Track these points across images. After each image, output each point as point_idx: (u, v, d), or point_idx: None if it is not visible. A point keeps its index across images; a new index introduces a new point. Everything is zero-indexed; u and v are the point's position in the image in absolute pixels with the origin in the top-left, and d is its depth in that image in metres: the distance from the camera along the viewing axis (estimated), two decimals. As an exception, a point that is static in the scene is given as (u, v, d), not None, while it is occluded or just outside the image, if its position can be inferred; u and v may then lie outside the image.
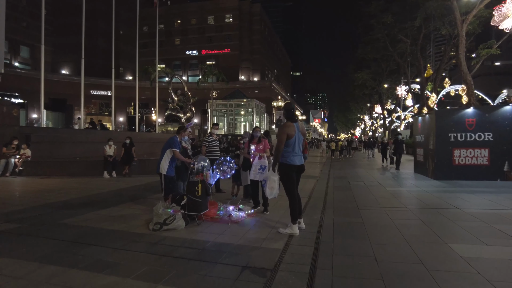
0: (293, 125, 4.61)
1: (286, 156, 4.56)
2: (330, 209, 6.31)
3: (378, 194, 8.06)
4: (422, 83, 32.36)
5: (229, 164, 5.42)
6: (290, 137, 4.53)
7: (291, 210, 4.58)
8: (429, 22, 27.22)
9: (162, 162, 5.66)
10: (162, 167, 5.69)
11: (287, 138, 4.53)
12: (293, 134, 4.55)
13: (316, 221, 5.27)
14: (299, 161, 4.63)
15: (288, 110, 4.71)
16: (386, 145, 17.08)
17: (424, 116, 12.44)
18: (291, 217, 4.57)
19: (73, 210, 5.68)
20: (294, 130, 4.58)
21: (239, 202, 5.96)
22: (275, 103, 52.33)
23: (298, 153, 4.63)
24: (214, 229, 4.68)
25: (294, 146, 4.58)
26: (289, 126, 4.58)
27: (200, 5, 69.89)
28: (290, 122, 4.64)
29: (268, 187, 4.87)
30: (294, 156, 4.58)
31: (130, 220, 5.13)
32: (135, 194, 7.49)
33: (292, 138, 4.55)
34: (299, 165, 4.64)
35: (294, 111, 4.76)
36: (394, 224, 5.13)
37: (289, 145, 4.56)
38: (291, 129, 4.56)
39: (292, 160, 4.56)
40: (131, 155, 11.17)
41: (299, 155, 4.66)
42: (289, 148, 4.56)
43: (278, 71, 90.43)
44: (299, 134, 4.66)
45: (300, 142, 4.67)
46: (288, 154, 4.56)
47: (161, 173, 5.68)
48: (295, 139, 4.59)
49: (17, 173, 10.27)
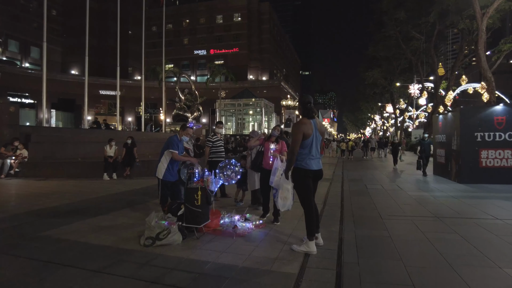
0: (310, 122, 3.87)
1: (301, 159, 3.84)
2: (349, 219, 5.56)
3: (400, 200, 7.27)
4: (436, 81, 31.24)
5: (234, 168, 4.72)
6: (306, 136, 3.80)
7: (307, 224, 3.86)
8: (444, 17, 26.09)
9: (159, 165, 4.98)
10: (159, 170, 5.03)
11: (303, 138, 3.79)
12: (310, 133, 3.82)
13: (335, 235, 4.53)
14: (316, 166, 3.89)
15: (305, 104, 3.93)
16: (398, 145, 15.84)
17: (446, 114, 11.56)
18: (308, 232, 3.84)
19: (60, 219, 5.06)
20: (311, 128, 3.84)
21: (245, 210, 5.25)
22: (284, 102, 51.53)
23: (315, 156, 3.89)
24: (216, 245, 3.99)
25: (311, 147, 3.84)
26: (305, 124, 3.84)
27: (208, 5, 69.44)
28: (306, 119, 3.90)
29: (280, 197, 4.14)
30: (311, 160, 3.84)
31: (121, 231, 4.47)
32: (133, 199, 6.86)
33: (309, 138, 3.81)
34: (316, 170, 3.90)
35: (312, 105, 3.97)
36: (427, 239, 4.37)
37: (305, 146, 3.83)
38: (307, 127, 3.82)
39: (308, 164, 3.83)
40: (133, 156, 10.58)
41: (317, 158, 3.92)
42: (305, 149, 3.83)
43: (287, 71, 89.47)
44: (316, 133, 3.92)
45: (318, 143, 3.93)
46: (304, 156, 3.83)
47: (157, 177, 5.01)
48: (313, 139, 3.85)
49: (13, 175, 9.78)
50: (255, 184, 6.03)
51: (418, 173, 12.47)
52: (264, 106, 49.88)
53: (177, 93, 28.46)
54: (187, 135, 5.32)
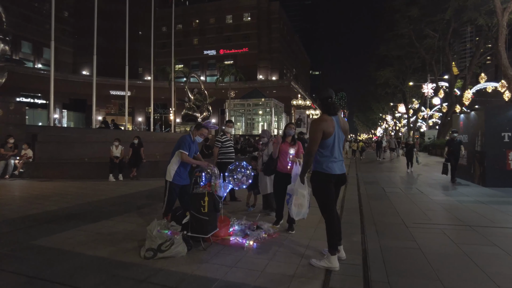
0: (331, 119, 3.38)
1: (321, 161, 3.36)
2: (371, 227, 5.06)
3: (424, 206, 6.71)
4: (451, 80, 30.27)
5: (245, 171, 4.26)
6: (327, 135, 3.31)
7: (329, 236, 3.37)
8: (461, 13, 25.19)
9: (169, 166, 4.41)
10: (168, 172, 4.42)
11: (323, 137, 3.31)
12: (332, 131, 3.33)
13: (357, 246, 4.04)
14: (339, 169, 3.40)
15: (325, 99, 3.44)
16: (413, 146, 14.29)
17: (468, 113, 10.89)
18: (329, 245, 3.35)
19: (57, 225, 4.68)
20: (332, 125, 3.35)
21: (257, 217, 4.79)
22: (294, 101, 50.85)
23: (338, 158, 3.40)
24: (225, 257, 3.54)
25: (332, 148, 3.36)
26: (326, 120, 3.35)
27: (218, 4, 69.23)
28: (326, 115, 3.41)
29: (295, 204, 3.65)
30: (333, 162, 3.36)
31: (121, 240, 4.07)
32: (137, 203, 6.47)
33: (330, 137, 3.32)
34: (339, 175, 3.41)
35: (333, 100, 3.47)
36: (464, 252, 3.84)
37: (326, 146, 3.34)
38: (328, 124, 3.33)
39: (330, 168, 3.34)
40: (140, 157, 10.23)
41: (340, 161, 3.43)
42: (326, 150, 3.35)
43: (297, 70, 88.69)
44: (339, 131, 3.43)
45: (340, 143, 3.45)
46: (325, 159, 3.35)
47: (166, 179, 4.40)
48: (334, 138, 3.36)
49: (17, 175, 9.52)
50: (267, 188, 5.57)
51: (438, 176, 11.82)
52: (273, 106, 49.36)
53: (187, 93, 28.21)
54: (201, 135, 4.63)
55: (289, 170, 4.53)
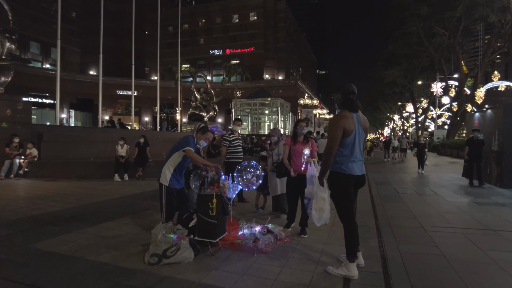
0: (352, 116, 3.13)
1: (340, 161, 3.11)
2: (387, 230, 4.79)
3: (440, 208, 6.41)
4: (461, 79, 29.72)
5: (255, 171, 4.02)
6: (347, 133, 3.06)
7: (347, 242, 3.13)
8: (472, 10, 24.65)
9: (164, 169, 3.98)
10: (163, 175, 3.97)
11: (343, 135, 3.05)
12: (353, 128, 3.08)
13: (375, 252, 3.78)
14: (359, 170, 3.16)
15: (347, 94, 3.20)
16: (424, 147, 13.32)
17: (484, 112, 10.52)
18: (348, 252, 3.11)
19: (58, 227, 4.49)
20: (353, 123, 3.10)
21: (267, 220, 4.55)
22: (301, 101, 50.51)
23: (358, 158, 3.15)
24: (234, 264, 3.30)
25: (353, 147, 3.11)
26: (346, 117, 3.10)
27: (224, 4, 69.09)
28: (347, 112, 3.15)
29: (315, 209, 3.42)
30: (353, 163, 3.11)
31: (124, 244, 3.86)
32: (143, 204, 6.27)
33: (350, 135, 3.07)
34: (359, 176, 3.16)
35: (355, 97, 3.22)
36: (492, 259, 3.56)
37: (346, 145, 3.09)
38: (349, 121, 3.08)
39: (350, 168, 3.09)
40: (146, 156, 10.05)
41: (360, 161, 3.18)
42: (346, 149, 3.10)
43: (303, 70, 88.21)
44: (360, 129, 3.18)
45: (361, 142, 3.20)
46: (345, 159, 3.10)
47: (161, 183, 3.99)
48: (355, 136, 3.11)
49: (22, 175, 9.40)
50: (277, 189, 5.33)
51: (451, 177, 11.47)
52: (280, 106, 49.09)
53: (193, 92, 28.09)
54: (206, 140, 4.18)
55: (303, 171, 4.28)
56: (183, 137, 4.20)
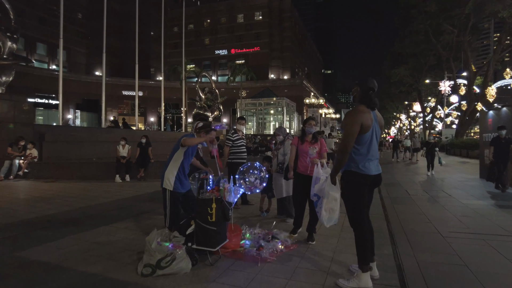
0: (369, 111, 2.87)
1: (357, 160, 2.84)
2: (401, 236, 4.46)
3: (455, 211, 6.04)
4: (470, 77, 29.12)
5: (259, 173, 3.72)
6: (365, 129, 2.80)
7: (359, 250, 2.85)
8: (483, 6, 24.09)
9: (166, 172, 3.68)
10: (167, 179, 3.67)
11: (360, 131, 2.79)
12: (370, 124, 2.82)
13: (390, 261, 3.46)
14: (375, 169, 2.90)
15: (366, 90, 2.93)
16: (434, 146, 12.41)
17: (499, 109, 10.10)
18: (360, 261, 2.83)
19: (50, 232, 4.24)
20: (371, 118, 2.84)
21: (272, 225, 4.24)
22: (307, 100, 50.11)
23: (375, 156, 2.90)
24: (235, 275, 3.01)
25: (370, 144, 2.85)
26: (364, 112, 2.84)
27: (229, 4, 68.86)
28: (364, 107, 2.89)
29: (325, 209, 3.13)
30: (370, 161, 2.86)
31: (119, 251, 3.58)
32: (142, 206, 6.01)
33: (368, 132, 2.81)
34: (375, 176, 2.90)
35: (374, 92, 2.95)
36: (520, 270, 3.22)
37: (363, 142, 2.83)
38: (366, 116, 2.82)
39: (366, 168, 2.84)
40: (148, 156, 9.82)
41: (376, 159, 2.92)
42: (363, 147, 2.84)
43: (309, 69, 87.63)
44: (377, 127, 2.93)
45: (377, 139, 2.95)
46: (361, 158, 2.84)
47: (165, 188, 3.69)
48: (372, 133, 2.86)
49: (21, 176, 9.21)
50: (282, 191, 5.02)
51: (464, 178, 11.06)
52: (285, 106, 48.73)
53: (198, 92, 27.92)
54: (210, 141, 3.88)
55: (309, 172, 3.98)
56: (184, 135, 3.92)
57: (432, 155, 12.29)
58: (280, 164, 5.03)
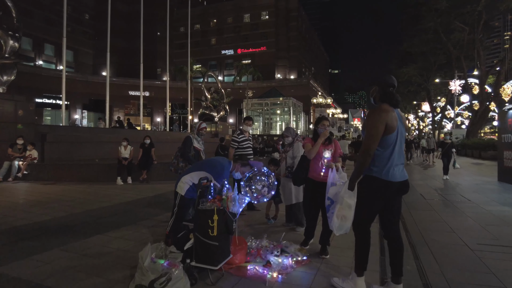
0: (393, 111, 2.51)
1: (380, 165, 2.52)
2: (423, 248, 4.02)
3: (479, 218, 5.57)
4: (482, 76, 28.33)
5: (267, 179, 3.32)
6: (390, 130, 2.46)
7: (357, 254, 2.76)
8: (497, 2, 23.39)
9: (185, 176, 3.46)
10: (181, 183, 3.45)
11: (385, 132, 2.46)
12: (395, 125, 2.48)
13: (414, 279, 3.05)
14: (401, 175, 2.57)
15: (386, 87, 2.60)
16: (451, 147, 11.26)
17: (520, 109, 9.56)
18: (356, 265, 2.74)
19: (38, 242, 3.89)
20: (395, 118, 2.49)
21: (281, 236, 3.83)
22: (315, 100, 49.56)
23: (399, 161, 2.57)
24: (240, 298, 2.62)
25: (394, 147, 2.51)
26: (388, 111, 2.48)
27: (235, 3, 68.54)
28: (387, 105, 2.53)
29: (337, 216, 2.79)
30: (395, 167, 2.53)
31: (110, 266, 3.21)
32: (142, 212, 5.65)
33: (393, 133, 2.48)
34: (401, 182, 2.58)
35: (395, 89, 2.62)
36: None
37: (388, 144, 2.50)
38: (391, 116, 2.47)
39: (391, 174, 2.50)
40: (151, 158, 9.48)
41: (401, 164, 2.59)
42: (387, 150, 2.51)
43: (315, 69, 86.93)
44: (401, 128, 2.57)
45: (403, 141, 2.61)
46: (385, 162, 2.50)
47: (177, 192, 3.44)
48: (397, 134, 2.52)
49: (21, 178, 8.93)
50: (292, 197, 4.61)
51: (480, 180, 10.53)
52: (292, 105, 48.28)
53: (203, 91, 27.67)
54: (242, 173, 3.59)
55: (322, 177, 3.57)
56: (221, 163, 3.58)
57: (448, 156, 11.15)
58: (289, 168, 4.63)
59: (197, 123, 5.38)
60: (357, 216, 2.70)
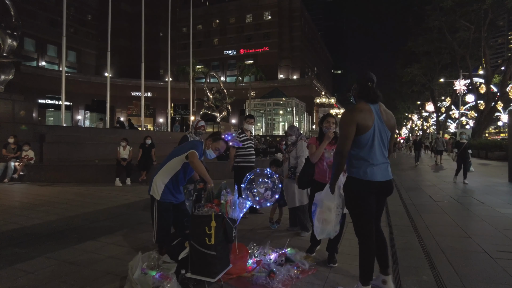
0: (369, 109, 2.43)
1: (357, 165, 2.45)
2: (439, 256, 3.70)
3: (495, 222, 5.24)
4: (488, 76, 27.90)
5: (271, 182, 3.04)
6: (363, 129, 2.39)
7: (362, 262, 2.55)
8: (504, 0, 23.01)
9: (155, 178, 3.11)
10: (155, 187, 3.09)
11: (358, 132, 2.39)
12: (369, 124, 2.39)
13: (435, 293, 2.75)
14: (382, 175, 2.45)
15: (364, 82, 2.57)
16: (467, 147, 9.98)
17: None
18: (361, 274, 2.55)
19: (25, 248, 3.63)
20: (371, 117, 2.40)
21: (286, 243, 3.55)
22: (318, 100, 49.23)
23: (379, 160, 2.45)
24: (240, 316, 2.34)
25: (371, 147, 2.42)
26: (361, 110, 2.42)
27: (238, 4, 68.32)
28: (364, 103, 2.47)
29: (318, 219, 2.74)
30: (373, 166, 2.42)
31: (99, 276, 2.94)
32: (138, 215, 5.38)
33: (366, 132, 2.39)
34: (382, 182, 2.46)
35: (373, 85, 2.55)
36: None
37: (362, 144, 2.42)
38: (364, 115, 2.40)
39: (369, 174, 2.41)
40: (151, 158, 9.23)
41: (382, 164, 2.46)
42: (362, 150, 2.43)
43: (318, 69, 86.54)
44: (381, 125, 2.45)
45: (384, 140, 2.49)
46: (361, 162, 2.44)
47: (152, 196, 3.10)
48: (374, 133, 2.41)
49: (17, 179, 8.70)
50: (295, 200, 4.32)
51: (491, 181, 10.18)
52: (295, 106, 47.93)
53: (205, 91, 27.48)
54: (215, 150, 3.23)
55: (329, 179, 3.28)
56: (190, 141, 3.25)
57: (465, 158, 9.91)
58: (292, 168, 4.33)
59: (194, 121, 5.10)
60: (355, 222, 2.61)
